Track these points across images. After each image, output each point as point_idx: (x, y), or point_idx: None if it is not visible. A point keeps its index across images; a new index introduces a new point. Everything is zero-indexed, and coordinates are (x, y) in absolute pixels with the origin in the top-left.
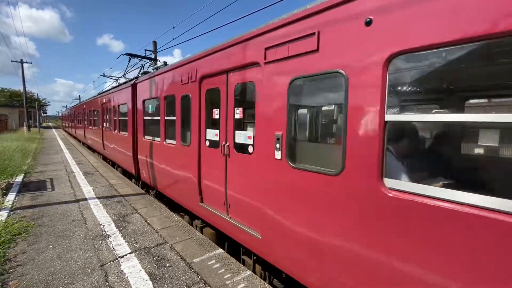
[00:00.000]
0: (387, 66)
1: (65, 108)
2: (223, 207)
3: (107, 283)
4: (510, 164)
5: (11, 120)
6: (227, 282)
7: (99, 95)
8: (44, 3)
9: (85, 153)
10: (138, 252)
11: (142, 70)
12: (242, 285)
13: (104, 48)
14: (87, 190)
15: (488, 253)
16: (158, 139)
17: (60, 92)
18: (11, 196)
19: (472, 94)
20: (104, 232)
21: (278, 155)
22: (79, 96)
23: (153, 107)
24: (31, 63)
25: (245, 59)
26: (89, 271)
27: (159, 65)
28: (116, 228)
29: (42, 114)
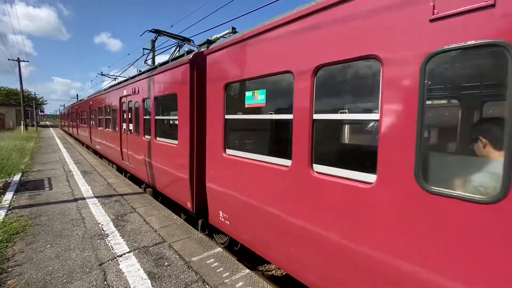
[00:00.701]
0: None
1: (63, 107)
2: None
3: (106, 282)
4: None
5: (8, 119)
6: (226, 281)
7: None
8: (41, 1)
9: (83, 152)
10: (137, 251)
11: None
12: (241, 284)
13: (102, 47)
14: (85, 189)
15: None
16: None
17: (58, 91)
18: (9, 195)
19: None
20: (103, 231)
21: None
22: (77, 95)
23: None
24: (28, 62)
25: None
26: (88, 270)
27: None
28: (115, 227)
29: (40, 113)
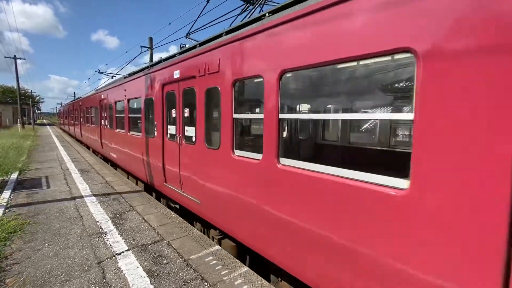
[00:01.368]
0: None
1: (60, 105)
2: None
3: (105, 280)
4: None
5: (5, 117)
6: (225, 278)
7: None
8: None
9: (81, 151)
10: (136, 249)
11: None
12: (239, 281)
13: (99, 44)
14: (83, 188)
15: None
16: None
17: (55, 89)
18: (6, 194)
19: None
20: (101, 230)
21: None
22: (74, 93)
23: None
24: (25, 59)
25: None
26: (86, 268)
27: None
28: (113, 226)
29: (37, 111)
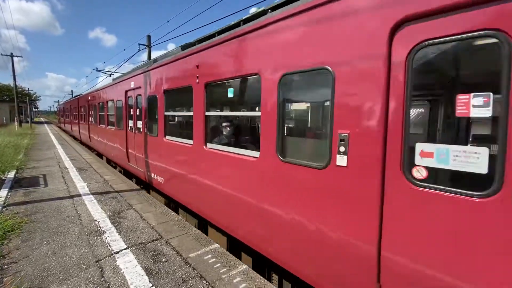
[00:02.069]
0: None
1: (58, 103)
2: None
3: (103, 279)
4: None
5: (2, 115)
6: (223, 276)
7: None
8: None
9: (78, 149)
10: (134, 248)
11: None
12: (238, 279)
13: (97, 42)
14: (81, 186)
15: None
16: None
17: (52, 87)
18: (3, 193)
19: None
20: (99, 228)
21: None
22: (72, 91)
23: None
24: (22, 57)
25: None
26: (85, 267)
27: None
28: (111, 224)
29: (34, 109)
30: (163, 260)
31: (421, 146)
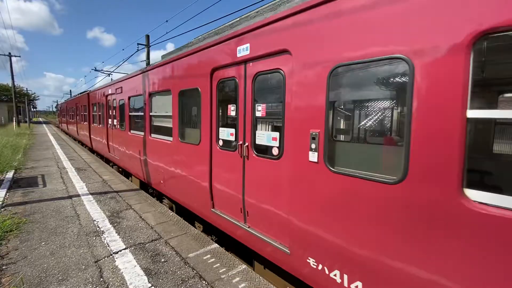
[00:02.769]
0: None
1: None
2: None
3: (102, 279)
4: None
5: (0, 115)
6: (222, 276)
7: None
8: None
9: (77, 149)
10: (133, 248)
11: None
12: (237, 279)
13: (95, 42)
14: (80, 186)
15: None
16: None
17: (50, 87)
18: (2, 193)
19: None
20: (98, 228)
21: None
22: (70, 91)
23: None
24: (20, 57)
25: None
26: (83, 267)
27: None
28: (110, 224)
29: (32, 109)
30: (162, 260)
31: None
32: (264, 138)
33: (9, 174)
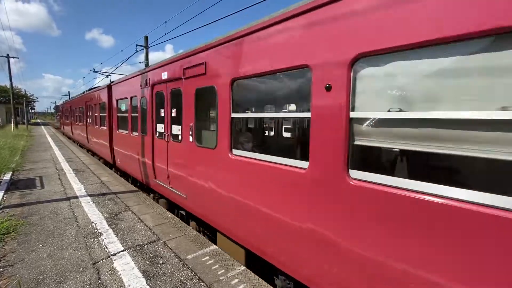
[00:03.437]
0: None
1: (55, 104)
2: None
3: (100, 281)
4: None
5: None
6: (221, 278)
7: None
8: None
9: (76, 150)
10: (131, 250)
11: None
12: (236, 281)
13: (94, 43)
14: (78, 188)
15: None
16: None
17: (49, 88)
18: None
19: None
20: (96, 230)
21: None
22: (69, 92)
23: None
24: (18, 58)
25: None
26: (81, 269)
27: None
28: (109, 226)
29: (30, 111)
30: (161, 262)
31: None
32: (175, 130)
33: (7, 176)
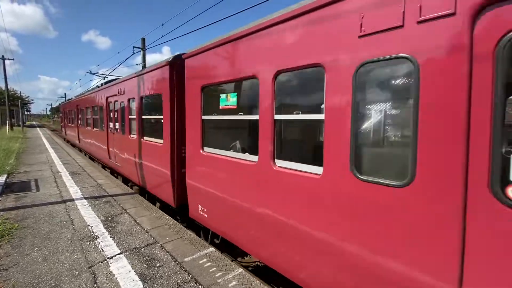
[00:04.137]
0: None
1: (51, 106)
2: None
3: (96, 285)
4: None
5: None
6: (219, 281)
7: None
8: None
9: (72, 153)
10: (128, 253)
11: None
12: (234, 283)
13: (90, 45)
14: (74, 191)
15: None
16: None
17: (45, 90)
18: None
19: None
20: (92, 233)
21: None
22: (65, 94)
23: None
24: (13, 60)
25: None
26: (77, 273)
27: None
28: (105, 229)
29: (26, 113)
30: (158, 265)
31: None
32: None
33: (1, 179)
